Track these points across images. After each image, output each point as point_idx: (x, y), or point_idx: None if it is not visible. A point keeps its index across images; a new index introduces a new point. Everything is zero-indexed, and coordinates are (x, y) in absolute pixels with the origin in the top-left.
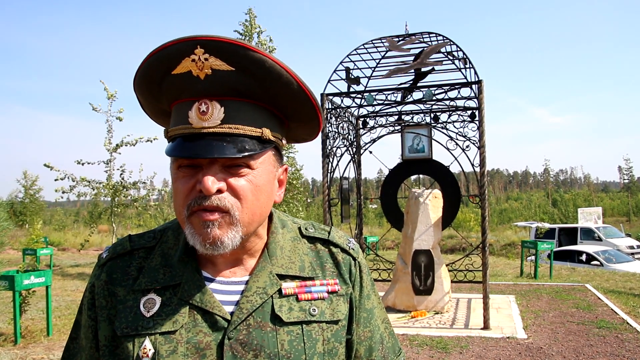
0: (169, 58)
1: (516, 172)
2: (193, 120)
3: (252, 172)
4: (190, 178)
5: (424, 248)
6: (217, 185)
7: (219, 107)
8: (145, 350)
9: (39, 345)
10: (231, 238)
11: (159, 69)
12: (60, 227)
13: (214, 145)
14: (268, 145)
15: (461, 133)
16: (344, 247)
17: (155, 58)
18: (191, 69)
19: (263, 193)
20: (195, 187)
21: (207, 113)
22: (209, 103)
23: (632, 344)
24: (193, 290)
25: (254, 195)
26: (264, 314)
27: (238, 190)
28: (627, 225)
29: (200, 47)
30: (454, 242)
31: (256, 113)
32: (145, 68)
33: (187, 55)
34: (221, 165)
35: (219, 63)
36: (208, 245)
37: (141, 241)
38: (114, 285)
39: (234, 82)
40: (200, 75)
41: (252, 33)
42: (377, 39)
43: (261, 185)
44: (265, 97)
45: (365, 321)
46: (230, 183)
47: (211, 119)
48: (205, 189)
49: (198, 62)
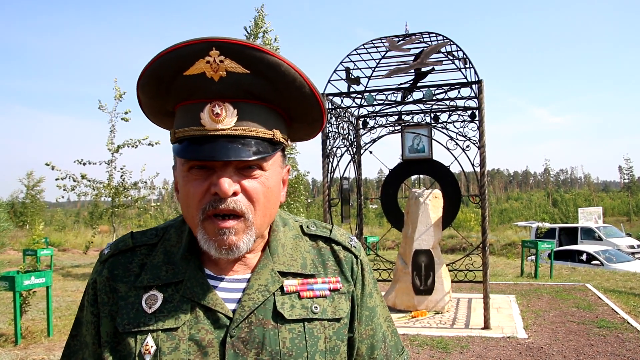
0: (182, 59)
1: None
2: (206, 122)
3: (264, 174)
4: (204, 181)
5: (424, 248)
6: (233, 188)
7: (232, 109)
8: (147, 347)
9: (39, 345)
10: (246, 242)
11: (170, 69)
12: (61, 227)
13: (229, 147)
14: (278, 147)
15: (461, 133)
16: (345, 245)
17: (166, 58)
18: (205, 71)
19: (273, 194)
20: (210, 190)
21: (220, 115)
22: (223, 105)
23: (633, 343)
24: (195, 287)
25: (265, 198)
26: (266, 312)
27: (252, 193)
28: (627, 224)
29: (215, 49)
30: (455, 242)
31: (268, 115)
32: (155, 67)
33: (202, 57)
34: (235, 167)
35: (234, 65)
36: (224, 251)
37: (143, 238)
38: (115, 282)
39: (249, 84)
40: (214, 77)
41: (259, 32)
42: (377, 39)
43: (272, 186)
44: (277, 100)
45: (367, 319)
46: (243, 185)
47: (225, 121)
48: (222, 192)
49: (213, 64)
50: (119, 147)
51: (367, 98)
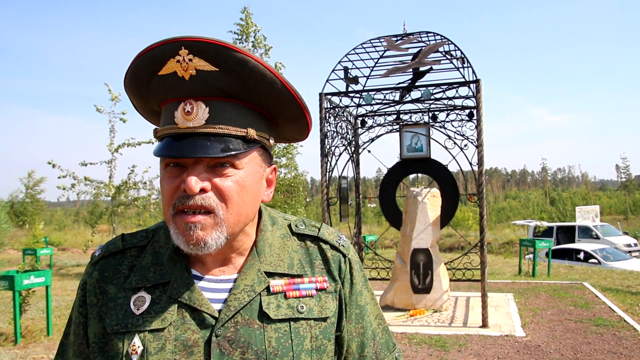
0: (155, 59)
1: (514, 171)
2: (179, 120)
3: (237, 173)
4: (176, 178)
5: (422, 247)
6: (200, 185)
7: (203, 107)
8: (134, 348)
9: (39, 345)
10: (215, 239)
11: (146, 70)
12: (60, 227)
13: (198, 144)
14: (253, 145)
15: (459, 132)
16: (333, 244)
17: (142, 59)
18: (176, 70)
19: (249, 194)
20: (180, 187)
21: (192, 113)
22: (194, 103)
23: (630, 341)
24: (182, 288)
25: (239, 196)
26: (252, 312)
27: (223, 191)
28: (624, 223)
29: (184, 48)
30: (453, 241)
31: (241, 113)
32: (134, 69)
33: (172, 57)
34: (206, 165)
35: (203, 64)
36: (192, 246)
37: (133, 240)
38: (105, 283)
39: (218, 82)
40: (185, 76)
41: (249, 32)
42: (375, 39)
43: (247, 185)
44: (250, 97)
45: (357, 317)
46: (215, 183)
47: (196, 119)
48: (188, 189)
49: (182, 63)
50: (119, 147)
51: (365, 97)
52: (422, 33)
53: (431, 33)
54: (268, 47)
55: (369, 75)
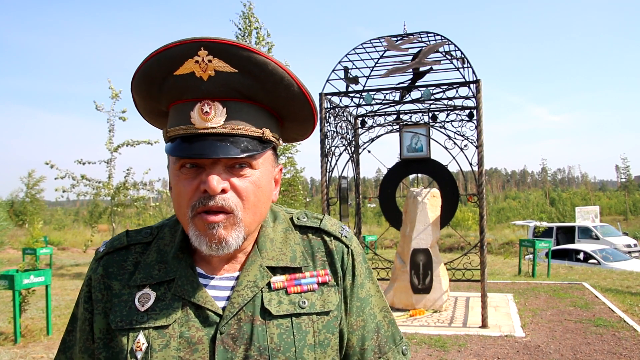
0: (172, 59)
1: (514, 171)
2: (195, 120)
3: (254, 173)
4: (193, 179)
5: (422, 247)
6: (222, 185)
7: (221, 108)
8: (139, 344)
9: (38, 344)
10: (235, 238)
11: (161, 70)
12: (60, 226)
13: (218, 145)
14: (268, 145)
15: (459, 132)
16: (336, 235)
17: (157, 59)
18: (194, 70)
19: (264, 193)
20: (199, 188)
21: (209, 114)
22: (212, 104)
23: (629, 341)
24: (186, 285)
25: (255, 196)
26: (255, 308)
27: (241, 191)
28: (624, 223)
29: (203, 49)
30: (452, 241)
31: (257, 114)
32: (146, 68)
33: (191, 57)
34: (224, 165)
35: (222, 65)
36: (214, 246)
37: (138, 236)
38: (110, 279)
39: (237, 83)
40: (203, 77)
41: (252, 29)
42: (376, 39)
43: (262, 185)
44: (265, 99)
45: (358, 310)
46: (233, 183)
47: (214, 119)
48: (210, 189)
49: (202, 64)
50: (119, 147)
51: (365, 97)
52: (422, 33)
53: (431, 33)
54: (271, 44)
55: (369, 75)
